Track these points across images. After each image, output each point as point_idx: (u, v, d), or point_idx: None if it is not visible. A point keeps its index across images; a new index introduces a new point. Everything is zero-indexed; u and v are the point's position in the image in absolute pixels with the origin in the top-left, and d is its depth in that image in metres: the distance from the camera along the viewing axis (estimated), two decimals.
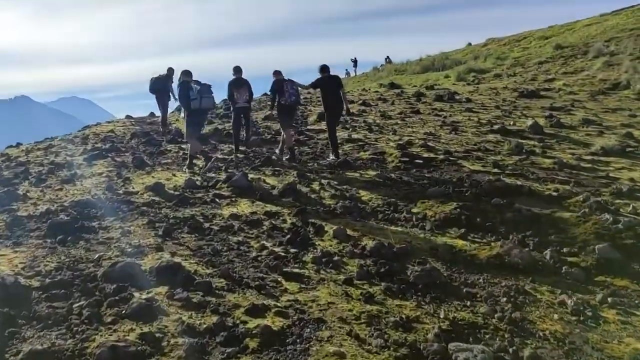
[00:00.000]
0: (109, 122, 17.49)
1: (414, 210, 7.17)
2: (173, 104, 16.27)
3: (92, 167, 9.67)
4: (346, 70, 51.27)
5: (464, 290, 4.73)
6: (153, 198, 7.46)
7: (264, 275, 4.85)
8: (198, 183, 8.33)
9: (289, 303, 4.28)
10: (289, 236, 5.95)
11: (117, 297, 4.16)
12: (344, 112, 10.92)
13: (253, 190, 7.90)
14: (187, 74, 9.93)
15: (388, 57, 47.22)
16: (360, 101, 18.29)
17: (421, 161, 9.87)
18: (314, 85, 10.81)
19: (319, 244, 5.82)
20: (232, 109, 11.60)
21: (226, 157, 10.56)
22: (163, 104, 14.89)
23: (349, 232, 6.17)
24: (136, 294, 4.27)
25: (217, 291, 4.45)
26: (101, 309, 4.04)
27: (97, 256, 5.14)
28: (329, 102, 10.60)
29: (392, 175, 9.01)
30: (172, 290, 4.35)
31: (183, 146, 11.84)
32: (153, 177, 8.82)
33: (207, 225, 6.37)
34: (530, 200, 7.33)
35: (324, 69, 10.64)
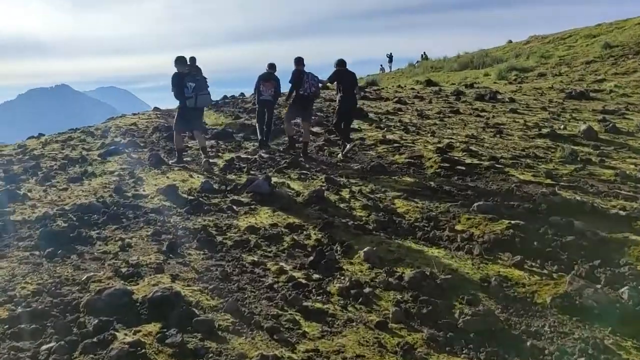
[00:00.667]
0: (134, 114, 16.87)
1: (458, 227, 6.22)
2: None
3: (106, 164, 8.97)
4: (381, 66, 50.07)
5: (528, 343, 3.78)
6: (164, 203, 6.68)
7: (280, 312, 3.99)
8: (216, 186, 7.53)
9: (306, 355, 3.41)
10: (312, 257, 5.08)
11: (95, 339, 3.36)
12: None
13: (275, 197, 7.07)
14: (181, 62, 8.96)
15: (424, 53, 45.87)
16: (396, 99, 17.28)
17: (463, 168, 8.88)
18: (331, 79, 10.33)
19: (347, 269, 4.94)
20: (256, 101, 11.24)
21: (250, 157, 9.74)
22: None
23: (382, 254, 5.27)
24: (120, 334, 3.46)
25: (219, 333, 3.61)
26: (73, 355, 3.24)
27: (85, 277, 4.36)
28: (345, 96, 10.16)
29: (431, 183, 8.06)
30: (165, 331, 3.53)
31: (205, 143, 11.10)
32: (168, 177, 8.06)
33: (219, 238, 5.56)
34: (593, 220, 6.30)
35: (342, 62, 10.30)
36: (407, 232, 6.11)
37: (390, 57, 48.50)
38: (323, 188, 7.46)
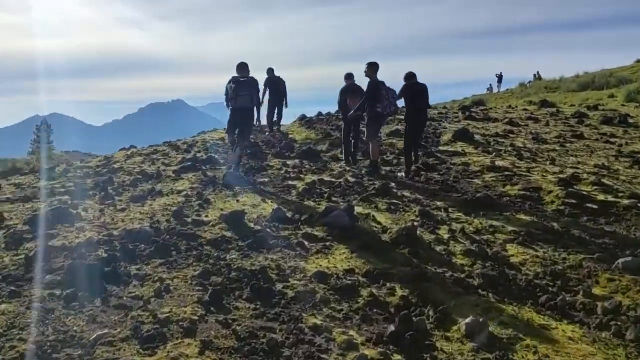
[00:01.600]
0: (225, 128, 16.42)
1: (597, 291, 4.63)
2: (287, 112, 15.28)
3: (177, 181, 8.22)
4: (489, 85, 47.55)
5: None
6: (224, 233, 5.67)
7: None
8: (288, 215, 6.43)
9: None
10: (394, 326, 3.77)
11: None
12: None
13: (356, 232, 5.84)
14: (239, 67, 8.73)
15: (538, 72, 42.70)
16: (506, 120, 15.44)
17: (595, 206, 7.13)
18: (400, 94, 9.26)
19: (441, 349, 3.56)
20: (342, 118, 10.51)
21: (334, 180, 8.58)
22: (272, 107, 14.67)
23: (492, 327, 3.84)
24: None
25: None
26: None
27: (95, 336, 3.38)
28: (414, 112, 9.28)
29: (554, 224, 6.44)
30: None
31: (288, 162, 10.13)
32: (238, 200, 7.09)
33: (279, 286, 4.41)
34: None
35: (410, 75, 9.35)
36: (524, 293, 4.61)
37: (500, 77, 45.86)
38: (416, 224, 6.11)
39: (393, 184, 8.40)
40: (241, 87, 8.41)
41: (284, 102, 14.52)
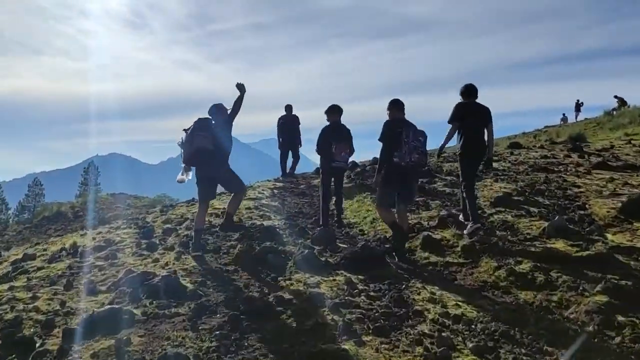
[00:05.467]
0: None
1: None
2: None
3: None
4: (563, 114, 41.42)
5: None
6: None
7: None
8: None
9: None
10: None
11: None
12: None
13: None
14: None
15: (618, 98, 35.88)
16: None
17: None
18: (452, 117, 6.91)
19: None
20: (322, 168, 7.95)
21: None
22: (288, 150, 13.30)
23: None
24: None
25: None
26: None
27: None
28: (470, 141, 6.83)
29: None
30: None
31: (324, 285, 5.09)
32: None
33: None
34: None
35: (469, 91, 6.91)
36: None
37: (578, 105, 39.87)
38: None
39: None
40: (202, 126, 6.29)
41: (299, 142, 12.98)
